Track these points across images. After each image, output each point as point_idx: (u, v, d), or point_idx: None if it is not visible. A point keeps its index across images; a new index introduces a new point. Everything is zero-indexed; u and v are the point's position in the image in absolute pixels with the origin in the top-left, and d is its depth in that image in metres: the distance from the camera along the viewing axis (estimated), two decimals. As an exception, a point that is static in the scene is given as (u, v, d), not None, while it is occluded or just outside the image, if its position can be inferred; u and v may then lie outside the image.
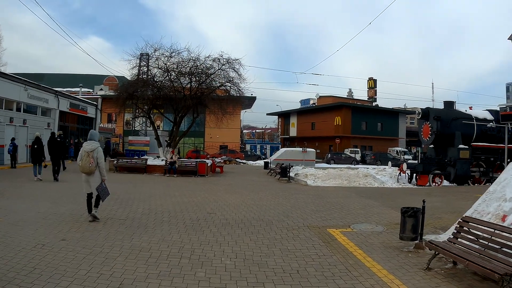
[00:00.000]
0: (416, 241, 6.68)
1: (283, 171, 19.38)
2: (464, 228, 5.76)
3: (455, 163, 18.62)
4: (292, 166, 20.22)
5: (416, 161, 20.44)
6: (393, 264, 5.80)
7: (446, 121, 19.09)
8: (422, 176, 18.77)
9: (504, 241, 4.94)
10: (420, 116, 19.98)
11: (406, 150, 54.52)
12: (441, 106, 20.29)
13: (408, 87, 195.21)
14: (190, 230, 7.58)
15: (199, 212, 9.57)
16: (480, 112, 20.88)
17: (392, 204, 11.57)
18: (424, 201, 6.81)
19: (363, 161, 46.77)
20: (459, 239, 5.72)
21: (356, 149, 50.32)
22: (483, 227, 5.47)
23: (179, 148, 32.95)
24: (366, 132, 56.03)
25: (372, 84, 70.09)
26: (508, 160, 19.05)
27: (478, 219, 5.83)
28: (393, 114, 60.15)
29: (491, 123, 19.69)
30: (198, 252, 6.16)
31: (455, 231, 5.85)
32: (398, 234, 7.64)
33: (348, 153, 47.63)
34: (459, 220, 5.96)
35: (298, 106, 75.34)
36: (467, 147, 18.84)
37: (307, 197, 13.04)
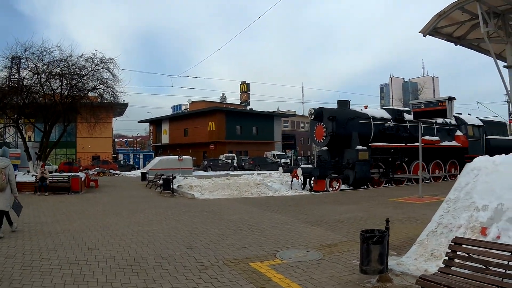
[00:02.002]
0: (382, 274, 5.45)
1: (166, 183, 17.94)
2: (459, 253, 4.64)
3: (354, 165, 18.66)
4: (175, 177, 18.80)
5: (309, 165, 20.23)
6: (372, 314, 4.42)
7: (342, 122, 19.05)
8: (319, 181, 18.49)
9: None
10: (312, 116, 19.66)
11: (283, 153, 57.19)
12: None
13: (281, 90, 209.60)
14: (70, 283, 5.36)
15: (77, 248, 7.41)
16: (376, 111, 21.49)
17: (307, 218, 10.52)
18: (388, 221, 5.62)
19: (240, 166, 47.24)
20: (453, 268, 4.54)
21: (231, 154, 51.23)
22: (489, 250, 4.40)
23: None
24: (241, 136, 57.97)
25: (245, 88, 73.49)
26: (406, 159, 20.20)
27: (478, 240, 4.77)
28: (268, 118, 63.02)
29: (389, 122, 20.32)
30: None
31: (447, 258, 4.69)
32: (341, 260, 6.47)
33: (224, 158, 48.11)
34: (450, 243, 4.83)
35: (170, 112, 75.86)
36: (365, 148, 19.07)
37: (202, 215, 11.34)
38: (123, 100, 29.15)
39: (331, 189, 18.37)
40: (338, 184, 18.74)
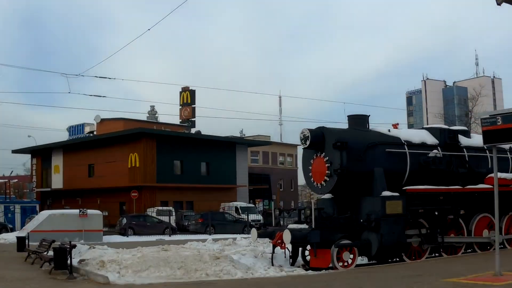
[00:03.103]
0: None
1: (60, 256, 15.17)
2: None
3: (378, 225, 15.08)
4: (74, 246, 16.10)
5: (302, 225, 17.12)
6: None
7: (358, 151, 15.52)
8: (320, 250, 15.05)
9: None
10: (307, 143, 16.11)
11: (251, 205, 47.06)
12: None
13: (246, 103, 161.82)
14: None
15: None
16: (414, 132, 17.95)
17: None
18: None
19: (182, 228, 41.00)
20: None
21: (167, 207, 43.02)
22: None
23: None
24: (183, 178, 47.23)
25: (188, 97, 58.51)
26: (463, 212, 17.06)
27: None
28: (227, 147, 51.27)
29: (435, 150, 17.02)
30: None
31: None
32: None
33: (154, 215, 40.47)
34: None
35: (65, 137, 61.17)
36: (397, 194, 15.44)
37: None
38: None
39: (341, 264, 15.01)
40: (352, 257, 15.18)
